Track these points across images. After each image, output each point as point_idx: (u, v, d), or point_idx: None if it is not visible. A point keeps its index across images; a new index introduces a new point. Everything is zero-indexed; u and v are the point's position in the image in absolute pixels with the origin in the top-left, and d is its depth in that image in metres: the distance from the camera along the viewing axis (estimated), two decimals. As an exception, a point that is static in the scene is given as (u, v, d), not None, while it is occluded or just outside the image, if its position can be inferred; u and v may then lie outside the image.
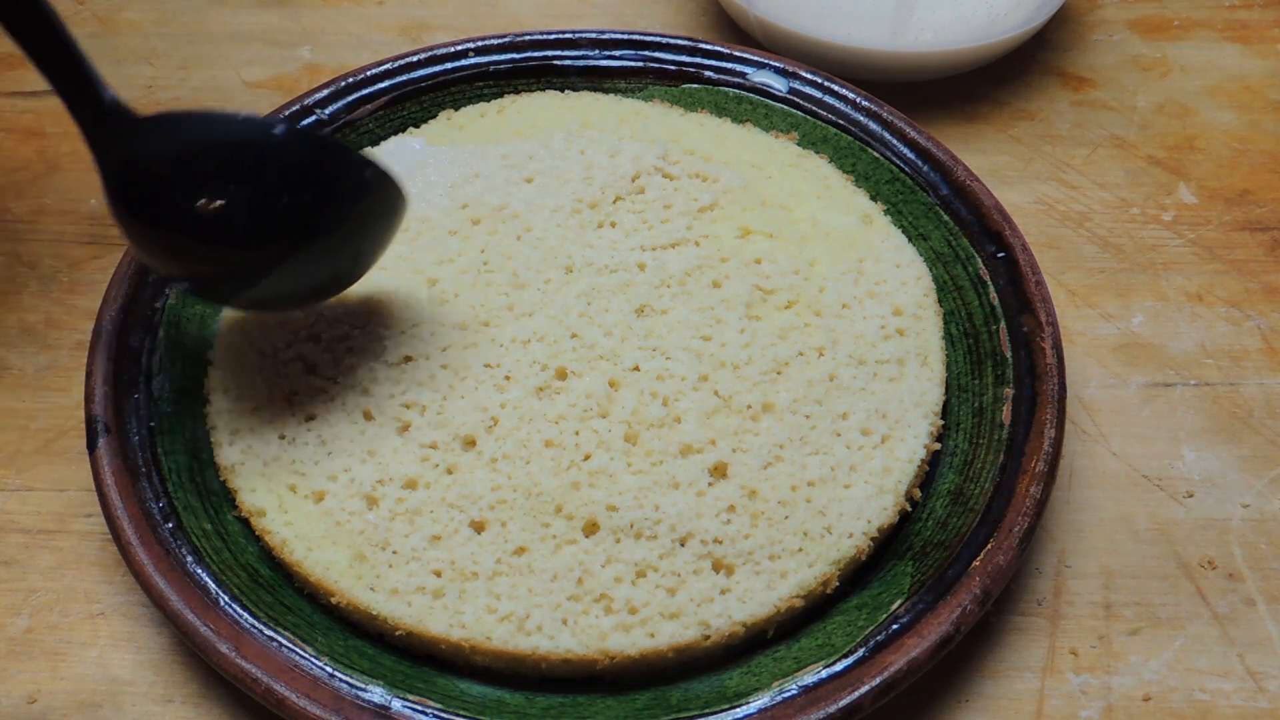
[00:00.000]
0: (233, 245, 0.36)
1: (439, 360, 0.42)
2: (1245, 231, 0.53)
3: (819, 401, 0.41)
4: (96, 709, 0.37)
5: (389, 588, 0.37)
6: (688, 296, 0.44)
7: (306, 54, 0.61)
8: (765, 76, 0.52)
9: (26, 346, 0.47)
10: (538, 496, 0.38)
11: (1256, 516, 0.43)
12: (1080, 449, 0.45)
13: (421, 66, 0.52)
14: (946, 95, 0.58)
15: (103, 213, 0.52)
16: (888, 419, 0.41)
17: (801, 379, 0.41)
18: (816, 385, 0.41)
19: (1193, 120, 0.58)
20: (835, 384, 0.42)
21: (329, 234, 0.37)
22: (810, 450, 0.40)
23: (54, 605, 0.40)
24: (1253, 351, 0.48)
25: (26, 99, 0.58)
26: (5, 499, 0.43)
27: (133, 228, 0.36)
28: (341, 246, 0.38)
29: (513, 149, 0.49)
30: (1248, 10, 0.64)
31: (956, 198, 0.47)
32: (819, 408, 0.41)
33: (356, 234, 0.38)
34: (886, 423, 0.41)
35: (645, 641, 0.36)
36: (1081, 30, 0.63)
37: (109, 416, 0.40)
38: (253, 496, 0.39)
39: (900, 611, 0.36)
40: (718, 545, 0.37)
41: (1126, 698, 0.38)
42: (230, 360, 0.42)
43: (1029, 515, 0.38)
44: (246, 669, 0.34)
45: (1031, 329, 0.43)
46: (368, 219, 0.38)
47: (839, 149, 0.50)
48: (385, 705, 0.34)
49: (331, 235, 0.37)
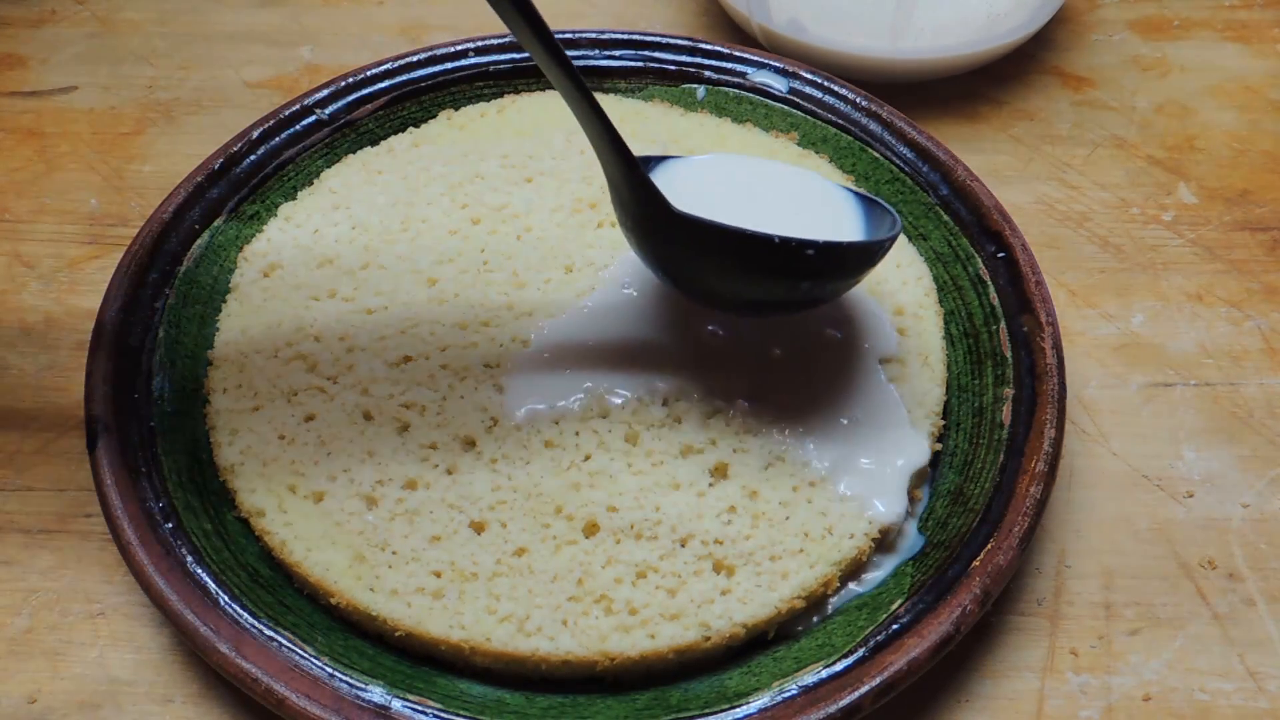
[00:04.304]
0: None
1: (439, 360, 0.42)
2: (1245, 231, 0.53)
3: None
4: (96, 709, 0.37)
5: (388, 588, 0.37)
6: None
7: (306, 54, 0.61)
8: (765, 76, 0.52)
9: (26, 346, 0.47)
10: (538, 497, 0.38)
11: (1256, 516, 0.43)
12: (1080, 449, 0.45)
13: (421, 66, 0.52)
14: (946, 95, 0.58)
15: (103, 212, 0.52)
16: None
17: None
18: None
19: (1193, 120, 0.58)
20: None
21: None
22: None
23: (54, 605, 0.40)
24: (1253, 351, 0.48)
25: (26, 99, 0.58)
26: (5, 499, 0.43)
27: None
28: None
29: (513, 149, 0.49)
30: (1248, 10, 0.64)
31: (956, 198, 0.47)
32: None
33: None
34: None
35: (645, 643, 0.36)
36: (1081, 30, 0.63)
37: (109, 416, 0.40)
38: (252, 497, 0.39)
39: (900, 611, 0.36)
40: (718, 546, 0.37)
41: (1126, 698, 0.38)
42: (230, 360, 0.42)
43: (1029, 515, 0.38)
44: (246, 669, 0.34)
45: (1031, 329, 0.43)
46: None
47: (839, 149, 0.50)
48: (385, 705, 0.34)
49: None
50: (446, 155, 0.49)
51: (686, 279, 0.40)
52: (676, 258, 0.39)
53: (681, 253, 0.38)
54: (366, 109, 0.51)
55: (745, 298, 0.40)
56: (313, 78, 0.59)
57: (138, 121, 0.57)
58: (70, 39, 0.61)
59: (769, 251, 0.36)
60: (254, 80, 0.59)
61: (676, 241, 0.38)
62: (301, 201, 0.48)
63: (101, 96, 0.58)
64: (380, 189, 0.48)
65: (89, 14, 0.63)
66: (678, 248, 0.38)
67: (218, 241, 0.46)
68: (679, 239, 0.38)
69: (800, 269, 0.37)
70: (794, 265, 0.37)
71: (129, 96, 0.58)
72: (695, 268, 0.39)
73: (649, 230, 0.39)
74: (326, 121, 0.50)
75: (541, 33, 0.34)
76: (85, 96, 0.58)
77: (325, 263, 0.45)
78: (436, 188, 0.48)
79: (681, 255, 0.39)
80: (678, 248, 0.38)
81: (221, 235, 0.46)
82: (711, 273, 0.38)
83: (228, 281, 0.46)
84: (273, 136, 0.49)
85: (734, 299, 0.40)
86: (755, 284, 0.38)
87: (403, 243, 0.46)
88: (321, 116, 0.50)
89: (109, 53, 0.60)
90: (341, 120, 0.50)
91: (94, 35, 0.61)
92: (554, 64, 0.35)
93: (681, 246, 0.38)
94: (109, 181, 0.54)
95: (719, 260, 0.38)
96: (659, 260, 0.40)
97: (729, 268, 0.38)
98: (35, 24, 0.62)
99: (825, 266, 0.38)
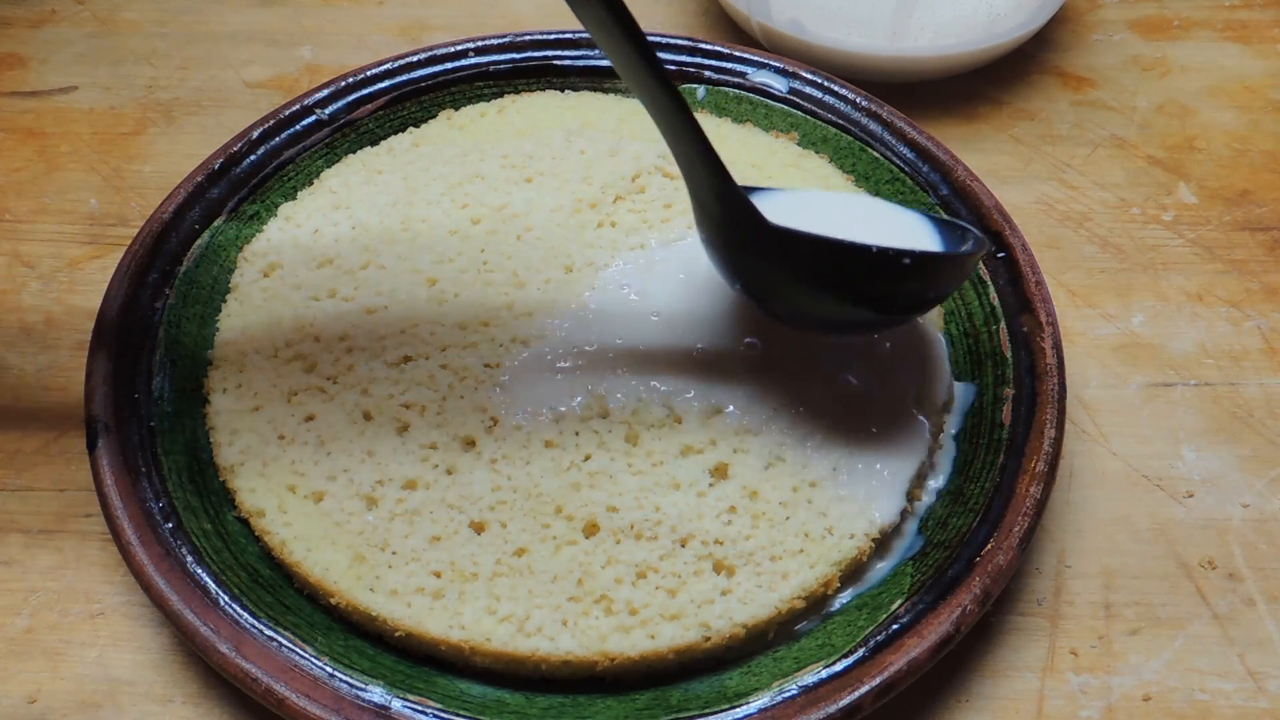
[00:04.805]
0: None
1: (439, 360, 0.42)
2: (1245, 231, 0.53)
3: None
4: (96, 709, 0.37)
5: (388, 589, 0.37)
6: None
7: (306, 54, 0.61)
8: (765, 76, 0.52)
9: (26, 346, 0.47)
10: (538, 497, 0.38)
11: (1256, 516, 0.43)
12: (1080, 449, 0.45)
13: (421, 66, 0.52)
14: (946, 95, 0.58)
15: (103, 213, 0.52)
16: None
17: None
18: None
19: (1193, 120, 0.58)
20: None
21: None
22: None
23: (54, 605, 0.40)
24: (1253, 351, 0.48)
25: (26, 99, 0.58)
26: (5, 499, 0.43)
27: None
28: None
29: (513, 149, 0.49)
30: (1248, 10, 0.64)
31: (956, 198, 0.47)
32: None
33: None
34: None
35: (645, 643, 0.36)
36: (1081, 30, 0.63)
37: (109, 416, 0.40)
38: (252, 497, 0.39)
39: (900, 611, 0.36)
40: (718, 546, 0.37)
41: (1126, 698, 0.38)
42: (230, 360, 0.42)
43: (1029, 515, 0.38)
44: (246, 669, 0.34)
45: (1031, 329, 0.43)
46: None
47: (839, 149, 0.50)
48: (385, 705, 0.34)
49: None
50: (446, 155, 0.49)
51: (775, 296, 0.39)
52: (766, 273, 0.38)
53: (773, 268, 0.38)
54: (366, 109, 0.51)
55: (833, 314, 0.39)
56: (313, 78, 0.59)
57: (138, 121, 0.57)
58: (70, 39, 0.61)
59: (866, 262, 0.36)
60: (254, 80, 0.59)
61: (769, 256, 0.38)
62: (301, 201, 0.48)
63: (101, 96, 0.58)
64: (380, 189, 0.48)
65: (89, 14, 0.63)
66: (769, 262, 0.38)
67: (218, 241, 0.46)
68: (772, 253, 0.37)
69: (895, 281, 0.37)
70: (889, 277, 0.37)
71: (129, 96, 0.58)
72: (786, 283, 0.38)
73: (740, 244, 0.38)
74: (326, 121, 0.50)
75: (632, 32, 0.33)
76: (85, 96, 0.58)
77: (325, 263, 0.45)
78: (436, 188, 0.48)
79: (772, 270, 0.38)
80: (769, 262, 0.38)
81: (221, 235, 0.46)
82: (802, 287, 0.38)
83: (228, 281, 0.46)
84: (273, 136, 0.49)
85: (821, 315, 0.39)
86: (848, 299, 0.38)
87: (403, 243, 0.46)
88: (321, 116, 0.50)
89: (109, 53, 0.60)
90: (341, 120, 0.50)
91: (94, 35, 0.61)
92: (643, 67, 0.34)
93: (774, 260, 0.38)
94: (109, 181, 0.54)
95: (812, 274, 0.37)
96: (747, 277, 0.39)
97: (823, 281, 0.37)
98: (35, 24, 0.62)
99: (919, 278, 0.37)
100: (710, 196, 0.38)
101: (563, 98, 0.52)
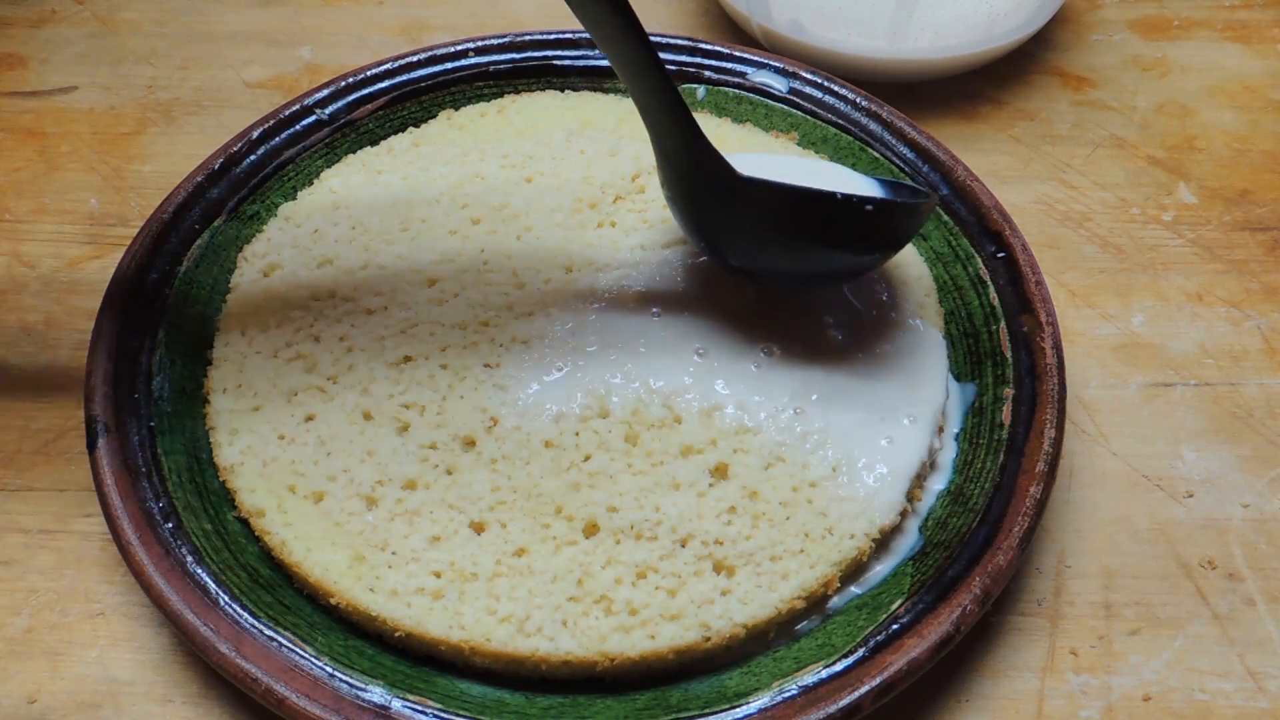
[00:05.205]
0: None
1: (439, 360, 0.42)
2: (1245, 231, 0.53)
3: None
4: (96, 709, 0.37)
5: (388, 589, 0.37)
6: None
7: (306, 54, 0.61)
8: (765, 76, 0.52)
9: (26, 346, 0.47)
10: (538, 497, 0.38)
11: (1256, 516, 0.43)
12: (1080, 449, 0.45)
13: (421, 66, 0.52)
14: (946, 95, 0.58)
15: (103, 212, 0.52)
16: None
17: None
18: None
19: (1193, 120, 0.58)
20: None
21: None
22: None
23: (54, 605, 0.40)
24: (1253, 351, 0.48)
25: (26, 99, 0.58)
26: (5, 499, 0.43)
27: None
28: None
29: (513, 149, 0.49)
30: (1248, 10, 0.64)
31: (956, 198, 0.47)
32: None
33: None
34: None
35: (645, 643, 0.36)
36: (1081, 30, 0.63)
37: (109, 416, 0.40)
38: (252, 497, 0.39)
39: (900, 611, 0.36)
40: (718, 546, 0.37)
41: (1126, 698, 0.38)
42: (230, 360, 0.42)
43: (1029, 515, 0.38)
44: (246, 669, 0.34)
45: (1031, 329, 0.43)
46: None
47: (839, 149, 0.50)
48: (385, 705, 0.34)
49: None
50: (446, 155, 0.49)
51: (742, 247, 0.41)
52: (733, 226, 0.40)
53: (739, 220, 0.40)
54: (366, 109, 0.51)
55: (797, 263, 0.41)
56: (313, 78, 0.59)
57: (138, 121, 0.57)
58: (70, 39, 0.61)
59: (831, 209, 0.38)
60: (254, 80, 0.59)
61: (736, 208, 0.39)
62: (301, 201, 0.48)
63: (101, 96, 0.58)
64: (380, 189, 0.48)
65: (89, 14, 0.63)
66: (738, 212, 0.39)
67: (218, 241, 0.46)
68: (740, 204, 0.39)
69: (858, 228, 0.39)
70: (853, 224, 0.39)
71: (129, 96, 0.58)
72: (755, 233, 0.40)
73: (709, 195, 0.40)
74: (326, 121, 0.50)
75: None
76: (85, 96, 0.58)
77: (325, 263, 0.45)
78: (436, 188, 0.48)
79: (739, 223, 0.40)
80: (738, 212, 0.39)
81: (221, 235, 0.46)
82: (771, 236, 0.40)
83: (228, 281, 0.45)
84: (273, 136, 0.49)
85: (785, 265, 0.41)
86: (813, 247, 0.39)
87: (403, 243, 0.46)
88: (321, 116, 0.50)
89: (109, 53, 0.60)
90: (341, 120, 0.50)
91: (94, 35, 0.61)
92: (608, 16, 0.36)
93: (741, 212, 0.39)
94: (109, 181, 0.54)
95: (780, 223, 0.39)
96: (714, 229, 0.41)
97: (791, 229, 0.39)
98: (35, 24, 0.62)
99: (881, 224, 0.40)
100: (681, 152, 0.39)
101: (563, 98, 0.52)
